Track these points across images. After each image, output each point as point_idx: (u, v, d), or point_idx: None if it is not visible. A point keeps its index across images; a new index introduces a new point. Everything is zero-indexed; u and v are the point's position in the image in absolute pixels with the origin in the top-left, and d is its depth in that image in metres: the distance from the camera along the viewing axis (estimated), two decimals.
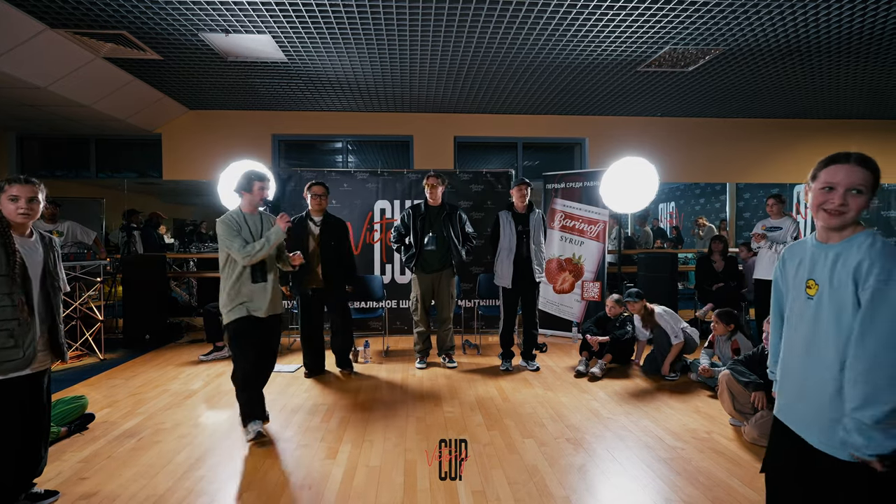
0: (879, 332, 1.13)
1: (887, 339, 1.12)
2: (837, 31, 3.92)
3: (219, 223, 2.76)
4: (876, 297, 1.14)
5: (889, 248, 1.17)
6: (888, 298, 1.13)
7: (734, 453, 2.60)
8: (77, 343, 4.48)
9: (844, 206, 1.22)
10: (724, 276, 5.18)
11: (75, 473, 2.36)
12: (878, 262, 1.15)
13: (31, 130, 6.13)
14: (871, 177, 1.23)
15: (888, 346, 1.12)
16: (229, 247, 2.71)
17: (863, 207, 1.23)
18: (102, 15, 3.63)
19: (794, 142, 6.79)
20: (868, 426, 1.12)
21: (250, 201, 2.88)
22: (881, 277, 1.14)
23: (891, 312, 1.12)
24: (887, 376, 1.11)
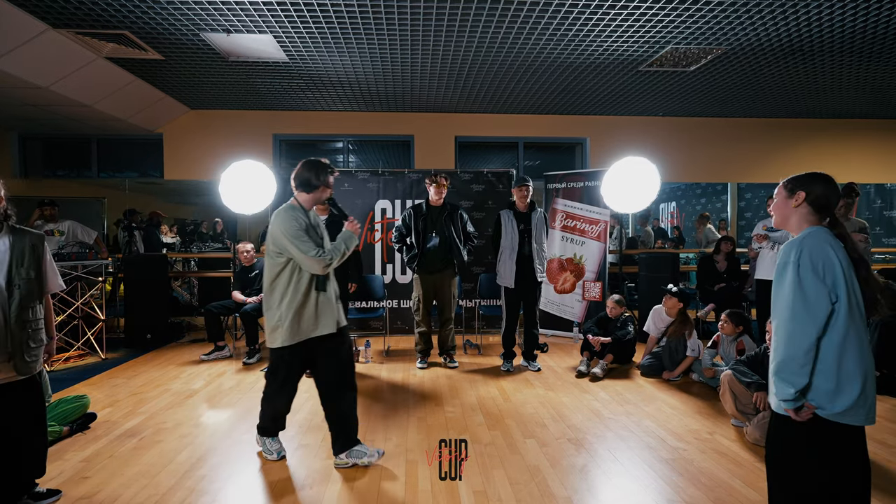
0: (779, 304, 1.45)
1: (782, 308, 1.44)
2: (840, 30, 3.91)
3: (283, 222, 2.24)
4: (777, 276, 1.47)
5: (799, 238, 1.46)
6: (783, 277, 1.45)
7: (736, 454, 2.59)
8: (79, 342, 4.48)
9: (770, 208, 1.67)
10: (727, 277, 5.17)
11: (77, 473, 2.36)
12: (785, 248, 1.47)
13: (34, 130, 6.15)
14: (782, 186, 1.60)
15: (782, 314, 1.44)
16: (302, 250, 2.20)
17: (777, 207, 1.60)
18: (104, 15, 3.63)
19: (796, 142, 6.78)
20: (773, 375, 1.46)
21: (317, 198, 2.41)
22: (782, 260, 1.46)
23: (785, 288, 1.44)
24: (781, 336, 1.43)
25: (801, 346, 1.39)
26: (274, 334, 2.31)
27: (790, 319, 1.41)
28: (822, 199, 1.51)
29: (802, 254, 1.41)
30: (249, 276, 4.73)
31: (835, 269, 1.39)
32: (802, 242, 1.44)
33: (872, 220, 7.35)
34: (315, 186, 2.37)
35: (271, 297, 2.31)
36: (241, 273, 4.77)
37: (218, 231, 7.49)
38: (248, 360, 4.33)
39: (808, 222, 1.52)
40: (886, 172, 7.00)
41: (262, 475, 2.37)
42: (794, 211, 1.54)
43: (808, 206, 1.51)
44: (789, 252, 1.45)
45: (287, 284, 2.28)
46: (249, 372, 4.10)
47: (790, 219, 1.56)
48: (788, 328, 1.41)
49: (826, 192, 1.51)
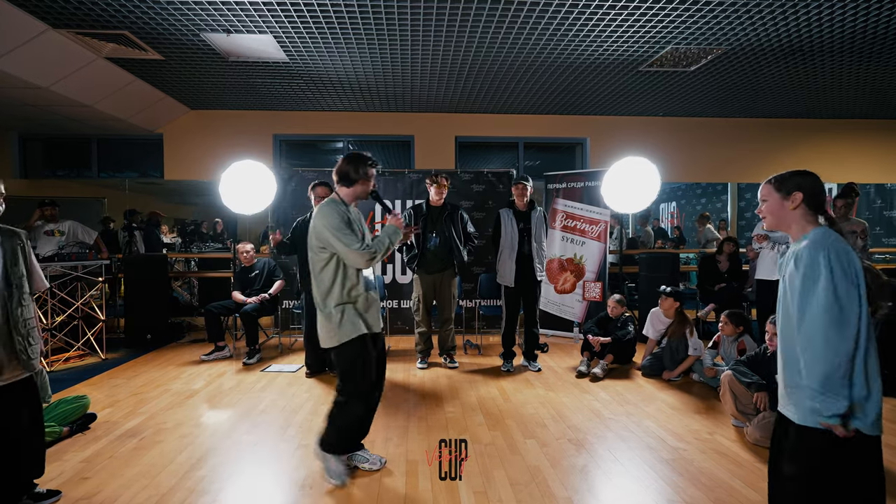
0: (811, 313, 1.36)
1: (815, 317, 1.35)
2: (840, 30, 3.91)
3: (325, 216, 2.18)
4: (805, 282, 1.38)
5: (824, 240, 1.38)
6: (814, 283, 1.36)
7: (736, 454, 2.59)
8: (79, 343, 4.48)
9: (761, 212, 1.58)
10: (728, 277, 5.17)
11: (77, 473, 2.36)
12: (809, 252, 1.39)
13: (34, 130, 6.15)
14: (770, 186, 1.54)
15: (816, 324, 1.35)
16: (345, 244, 2.14)
17: (772, 210, 1.53)
18: (104, 15, 3.63)
19: (796, 142, 6.77)
20: (815, 392, 1.35)
21: (358, 192, 2.33)
22: (809, 265, 1.38)
23: (817, 295, 1.35)
24: (819, 348, 1.34)
25: (845, 354, 1.31)
26: (334, 332, 2.21)
27: (829, 327, 1.32)
28: (818, 198, 1.48)
29: (832, 258, 1.34)
30: (249, 276, 4.73)
31: (858, 270, 1.35)
32: (828, 245, 1.36)
33: (872, 220, 7.35)
34: (354, 180, 2.29)
35: (321, 294, 2.24)
36: (241, 273, 4.77)
37: (218, 231, 7.49)
38: (248, 361, 4.33)
39: (808, 223, 1.48)
40: (886, 172, 7.00)
41: (262, 475, 2.37)
42: (791, 213, 1.49)
43: (806, 206, 1.48)
44: (816, 257, 1.36)
45: (333, 280, 2.22)
46: (250, 372, 4.10)
47: (788, 221, 1.51)
48: (827, 337, 1.32)
49: (819, 189, 1.49)
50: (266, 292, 4.61)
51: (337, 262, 2.22)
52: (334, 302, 2.22)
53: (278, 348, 4.94)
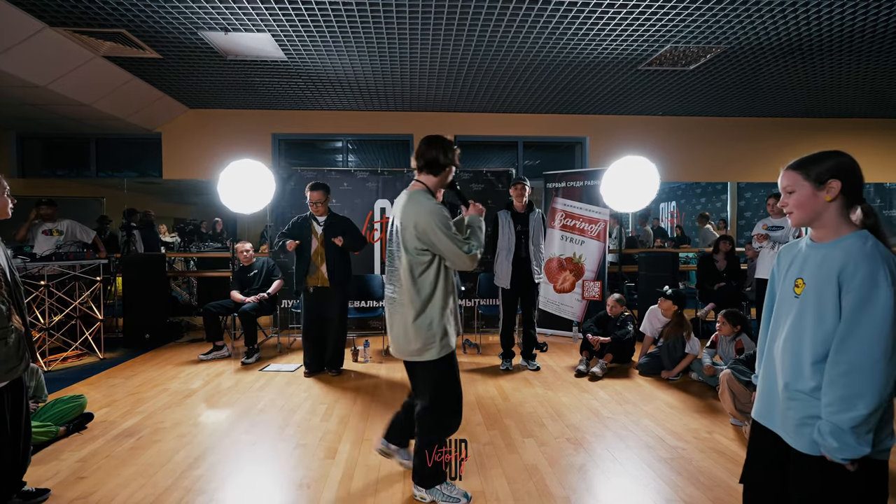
0: (861, 337, 1.11)
1: (869, 343, 1.10)
2: (839, 29, 3.90)
3: (430, 213, 1.89)
4: (859, 302, 1.12)
5: (875, 251, 1.14)
6: (871, 303, 1.10)
7: (735, 453, 2.58)
8: (77, 342, 4.47)
9: (786, 205, 1.28)
10: (726, 276, 5.17)
11: (73, 473, 2.35)
12: (862, 266, 1.13)
13: (32, 129, 6.13)
14: (796, 174, 1.26)
15: (869, 351, 1.10)
16: (457, 245, 1.88)
17: (801, 203, 1.24)
18: (101, 13, 3.62)
19: (796, 141, 6.76)
20: (843, 430, 1.11)
21: (443, 181, 2.07)
22: (865, 281, 1.12)
23: (873, 317, 1.10)
24: (866, 381, 1.10)
25: (888, 390, 1.10)
26: (433, 344, 1.95)
27: (882, 358, 1.09)
28: (858, 184, 1.21)
29: (893, 276, 1.10)
30: (248, 275, 4.72)
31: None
32: (886, 260, 1.13)
33: None
34: (443, 167, 2.01)
35: (419, 301, 1.95)
36: (239, 273, 4.76)
37: (218, 231, 7.48)
38: (246, 360, 4.32)
39: (845, 221, 1.21)
40: (886, 172, 6.99)
41: (260, 475, 2.36)
42: (827, 207, 1.21)
43: (844, 197, 1.21)
44: (875, 268, 1.11)
45: (434, 285, 1.95)
46: (248, 372, 4.09)
47: (823, 217, 1.22)
48: (881, 370, 1.09)
49: (858, 173, 1.22)
50: (265, 292, 4.61)
51: (439, 266, 1.96)
52: (437, 311, 1.95)
53: (277, 348, 4.93)
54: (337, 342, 4.00)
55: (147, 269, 5.16)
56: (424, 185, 2.05)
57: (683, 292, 4.03)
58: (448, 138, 2.08)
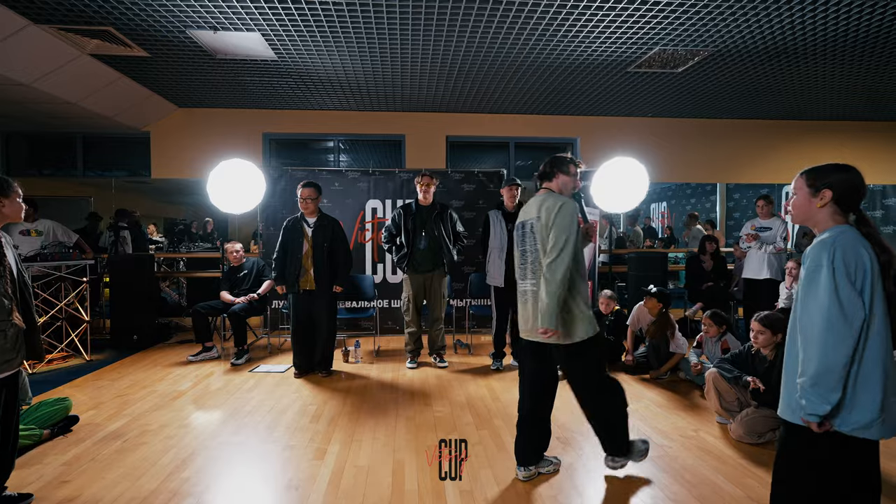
0: (809, 313, 1.33)
1: (812, 317, 1.32)
2: (823, 33, 3.96)
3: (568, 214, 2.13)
4: (806, 282, 1.35)
5: (830, 240, 1.33)
6: (814, 283, 1.32)
7: (720, 451, 2.62)
8: (62, 344, 4.41)
9: (789, 205, 1.52)
10: (714, 276, 5.22)
11: (57, 477, 2.32)
12: (813, 251, 1.35)
13: (17, 128, 6.04)
14: (802, 180, 1.46)
15: (813, 324, 1.32)
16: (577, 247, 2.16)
17: (799, 205, 1.45)
18: (87, 11, 3.58)
19: (783, 143, 6.86)
20: (804, 390, 1.33)
21: (567, 185, 2.30)
22: (811, 264, 1.34)
23: (816, 295, 1.31)
24: (815, 348, 1.31)
25: (839, 357, 1.28)
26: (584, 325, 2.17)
27: (826, 329, 1.28)
28: (850, 197, 1.38)
29: (836, 256, 1.29)
30: (238, 276, 4.69)
31: (867, 273, 1.29)
32: (835, 244, 1.31)
33: None
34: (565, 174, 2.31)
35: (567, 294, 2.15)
36: (229, 273, 4.73)
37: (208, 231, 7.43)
38: (236, 361, 4.29)
39: (835, 222, 1.39)
40: (871, 173, 7.09)
41: (248, 477, 2.35)
42: (818, 211, 1.40)
43: (835, 205, 1.38)
44: (820, 254, 1.31)
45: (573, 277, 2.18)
46: (237, 373, 4.07)
47: (814, 219, 1.42)
48: (824, 338, 1.29)
49: (854, 187, 1.38)
50: (255, 292, 4.58)
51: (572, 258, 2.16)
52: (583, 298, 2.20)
53: (267, 348, 4.91)
54: (326, 343, 3.99)
55: (135, 270, 5.11)
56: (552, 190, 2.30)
57: (668, 291, 4.06)
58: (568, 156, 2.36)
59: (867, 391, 1.30)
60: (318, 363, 3.99)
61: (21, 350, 1.98)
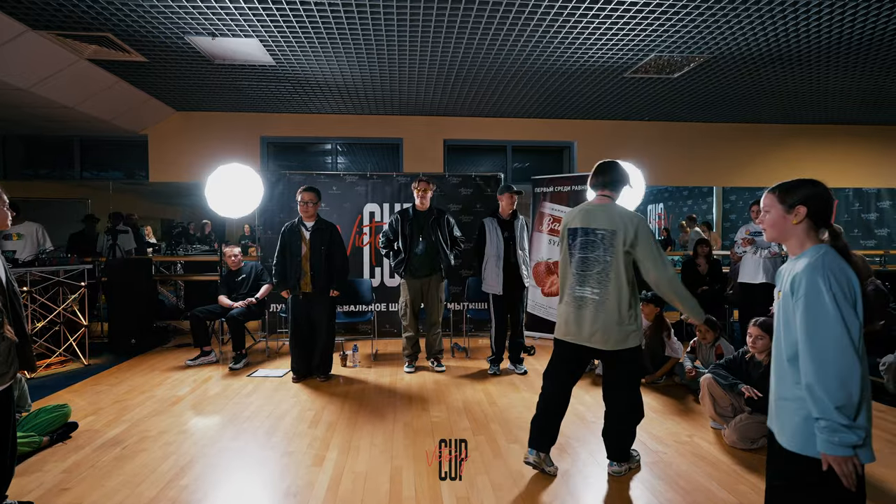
0: (818, 344, 1.26)
1: (825, 347, 1.25)
2: (817, 38, 4.00)
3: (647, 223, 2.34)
4: (806, 310, 1.28)
5: (821, 262, 1.29)
6: (817, 311, 1.26)
7: (714, 457, 2.65)
8: (61, 349, 4.41)
9: (762, 222, 1.48)
10: (709, 280, 5.26)
11: (57, 484, 2.34)
12: (807, 275, 1.30)
13: (14, 130, 6.03)
14: (774, 197, 1.44)
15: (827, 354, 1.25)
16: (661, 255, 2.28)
17: (774, 223, 1.43)
18: (85, 17, 3.59)
19: (778, 146, 6.91)
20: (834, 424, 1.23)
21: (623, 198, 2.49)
22: (809, 290, 1.28)
23: (822, 324, 1.25)
24: (833, 382, 1.23)
25: (858, 383, 1.22)
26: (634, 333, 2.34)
27: (841, 357, 1.23)
28: (824, 213, 1.38)
29: (832, 282, 1.26)
30: (236, 280, 4.70)
31: (857, 293, 1.27)
32: (827, 268, 1.28)
33: (851, 223, 7.52)
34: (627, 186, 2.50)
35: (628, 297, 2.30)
36: (227, 277, 4.74)
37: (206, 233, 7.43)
38: (234, 366, 4.31)
39: (810, 239, 1.39)
40: (864, 176, 7.17)
41: (246, 484, 2.37)
42: (794, 228, 1.40)
43: (810, 220, 1.38)
44: (815, 279, 1.27)
45: (633, 282, 2.32)
46: (236, 377, 4.08)
47: (789, 236, 1.42)
48: (840, 367, 1.23)
49: (825, 202, 1.39)
50: (253, 296, 4.59)
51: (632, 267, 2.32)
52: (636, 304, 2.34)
53: (265, 352, 4.93)
54: (325, 347, 4.01)
55: (132, 273, 5.11)
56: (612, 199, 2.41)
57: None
58: None
59: (867, 411, 1.27)
60: (317, 367, 4.01)
61: (14, 363, 1.96)
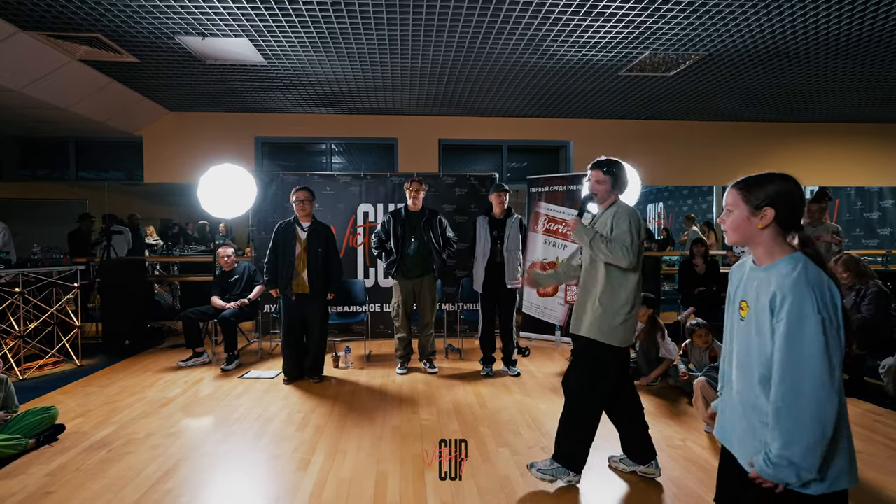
0: (796, 371, 1.11)
1: (803, 376, 1.11)
2: (815, 34, 3.95)
3: (634, 215, 2.28)
4: (789, 333, 1.12)
5: (802, 278, 1.14)
6: (800, 335, 1.11)
7: (707, 462, 2.61)
8: (54, 349, 4.41)
9: (724, 223, 1.32)
10: (706, 280, 5.21)
11: (40, 488, 2.32)
12: (789, 296, 1.13)
13: (9, 131, 6.03)
14: (738, 194, 1.28)
15: (804, 384, 1.11)
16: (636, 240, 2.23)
17: (736, 225, 1.27)
18: (75, 18, 3.57)
19: (778, 145, 6.84)
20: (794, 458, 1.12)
21: None
22: (792, 312, 1.12)
23: (805, 349, 1.10)
24: (805, 413, 1.11)
25: (831, 418, 1.10)
26: (616, 329, 2.24)
27: (820, 388, 1.10)
28: (793, 212, 1.22)
29: (819, 302, 1.11)
30: (229, 280, 4.68)
31: (839, 310, 1.13)
32: (812, 287, 1.12)
33: (853, 222, 7.45)
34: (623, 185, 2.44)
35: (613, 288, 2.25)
36: (220, 278, 4.72)
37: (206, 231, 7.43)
38: (226, 367, 4.29)
39: (778, 245, 1.23)
40: (866, 175, 7.09)
41: (230, 488, 2.35)
42: (758, 232, 1.23)
43: (777, 225, 1.22)
44: (803, 301, 1.11)
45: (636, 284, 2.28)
46: (227, 379, 4.06)
47: (754, 241, 1.25)
48: (818, 399, 1.10)
49: (795, 203, 1.23)
50: (246, 297, 4.57)
51: None
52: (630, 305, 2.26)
53: (258, 353, 4.91)
54: (318, 349, 3.98)
55: (126, 274, 5.10)
56: None
57: (652, 296, 4.05)
58: None
59: (841, 436, 1.15)
60: (310, 369, 3.99)
61: None
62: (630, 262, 2.20)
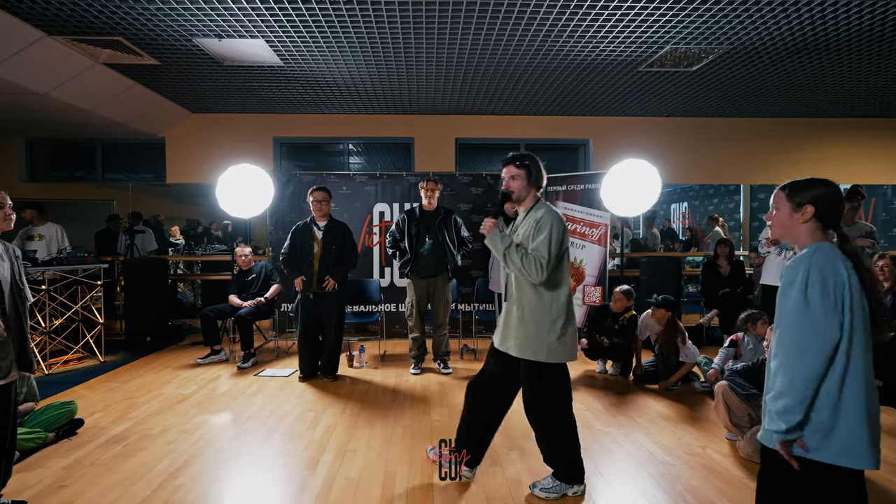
0: (783, 334, 1.30)
1: (787, 339, 1.29)
2: (847, 28, 3.75)
3: (558, 222, 2.11)
4: (780, 301, 1.33)
5: (808, 257, 1.30)
6: (786, 302, 1.30)
7: (726, 470, 2.50)
8: (78, 345, 4.53)
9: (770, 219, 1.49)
10: (731, 281, 5.03)
11: (56, 481, 2.37)
12: (790, 268, 1.33)
13: (39, 135, 6.25)
14: (783, 195, 1.43)
15: (788, 346, 1.29)
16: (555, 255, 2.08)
17: (780, 221, 1.43)
18: (97, 22, 3.66)
19: (806, 141, 6.55)
20: (767, 405, 1.33)
21: None
22: (785, 283, 1.32)
23: (788, 315, 1.29)
24: (789, 373, 1.28)
25: (806, 378, 1.25)
26: (555, 347, 2.12)
27: (796, 348, 1.26)
28: (832, 213, 1.36)
29: (811, 273, 1.27)
30: (247, 279, 4.74)
31: (845, 289, 1.25)
32: (811, 260, 1.28)
33: (889, 222, 7.10)
34: None
35: (544, 303, 2.12)
36: (238, 277, 4.78)
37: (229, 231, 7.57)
38: (242, 365, 4.34)
39: (815, 238, 1.37)
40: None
41: (238, 486, 2.36)
42: (800, 227, 1.38)
43: (816, 221, 1.37)
44: (796, 271, 1.29)
45: (568, 296, 2.16)
46: (243, 376, 4.11)
47: (795, 235, 1.41)
48: (793, 358, 1.27)
49: (835, 203, 1.37)
50: (263, 296, 4.62)
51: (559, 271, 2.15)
52: (563, 317, 2.13)
53: (275, 351, 4.95)
54: (333, 348, 3.99)
55: (149, 273, 5.22)
56: None
57: (672, 299, 3.91)
58: None
59: (849, 413, 1.25)
60: (324, 367, 4.00)
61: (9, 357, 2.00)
62: (541, 279, 2.06)
